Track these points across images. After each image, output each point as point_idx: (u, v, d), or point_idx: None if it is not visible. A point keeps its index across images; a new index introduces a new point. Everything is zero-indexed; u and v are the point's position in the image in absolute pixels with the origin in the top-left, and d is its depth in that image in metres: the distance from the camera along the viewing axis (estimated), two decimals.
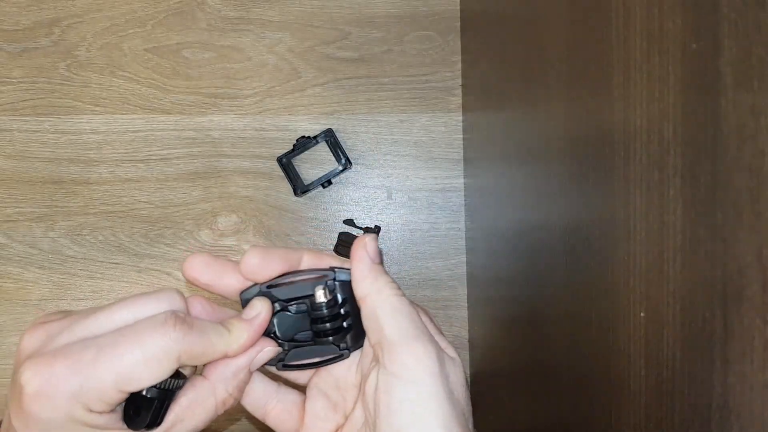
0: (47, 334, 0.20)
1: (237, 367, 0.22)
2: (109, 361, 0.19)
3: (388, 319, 0.20)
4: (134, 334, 0.19)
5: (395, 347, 0.20)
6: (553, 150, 0.27)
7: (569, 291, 0.26)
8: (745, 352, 0.14)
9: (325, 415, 0.23)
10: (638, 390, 0.19)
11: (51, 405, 0.19)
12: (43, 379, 0.19)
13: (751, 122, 0.14)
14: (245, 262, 0.22)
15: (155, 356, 0.19)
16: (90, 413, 0.19)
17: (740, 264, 0.14)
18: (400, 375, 0.20)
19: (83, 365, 0.19)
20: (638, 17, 0.18)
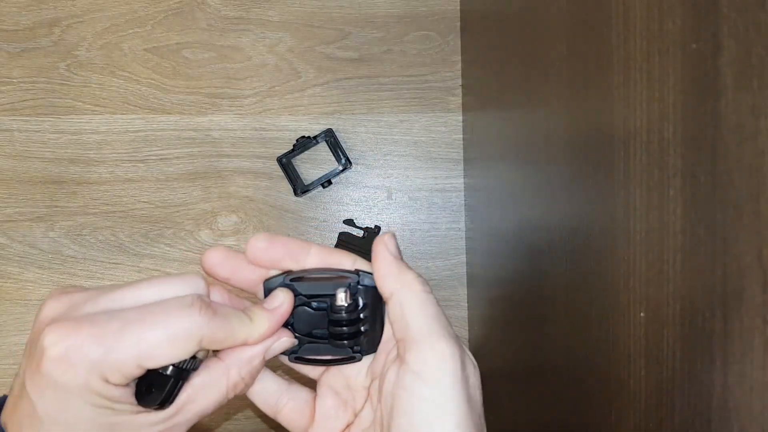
0: (71, 303, 0.20)
1: (253, 353, 0.22)
2: (134, 335, 0.19)
3: (415, 316, 0.20)
4: (161, 312, 0.20)
5: (420, 345, 0.20)
6: (553, 150, 0.27)
7: (569, 291, 0.26)
8: (745, 352, 0.14)
9: (335, 414, 0.23)
10: (638, 390, 0.19)
11: (71, 371, 0.19)
12: (69, 344, 0.19)
13: (751, 122, 0.14)
14: (251, 245, 0.22)
15: (179, 336, 0.19)
16: (106, 384, 0.19)
17: (740, 264, 0.14)
18: (421, 373, 0.20)
19: (108, 336, 0.19)
20: (638, 17, 0.18)
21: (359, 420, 0.23)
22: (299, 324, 0.23)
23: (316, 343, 0.23)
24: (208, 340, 0.20)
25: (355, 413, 0.23)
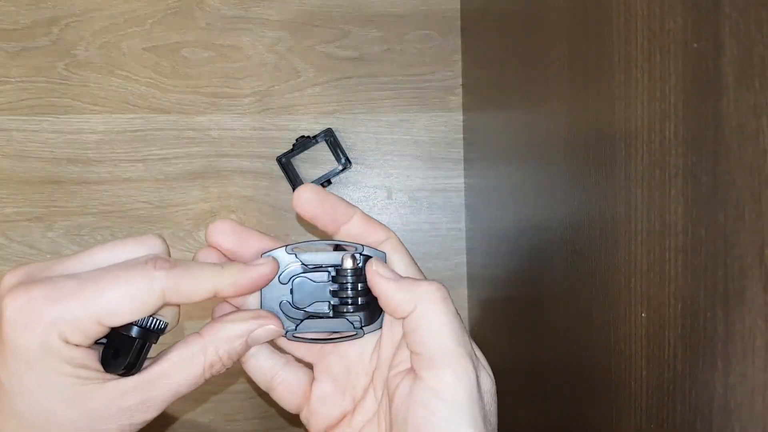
0: (28, 272, 0.20)
1: (233, 332, 0.21)
2: (91, 292, 0.19)
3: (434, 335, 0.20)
4: (117, 269, 0.19)
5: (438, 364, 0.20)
6: (554, 149, 0.27)
7: (570, 291, 0.26)
8: (747, 352, 0.14)
9: (332, 400, 0.23)
10: (639, 390, 0.19)
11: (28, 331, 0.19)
12: (22, 303, 0.19)
13: (753, 121, 0.14)
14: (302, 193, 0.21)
15: (138, 291, 0.19)
16: (66, 345, 0.19)
17: (742, 264, 0.14)
18: (438, 392, 0.19)
19: (64, 294, 0.19)
20: (639, 16, 0.18)
21: (361, 410, 0.22)
22: (299, 296, 0.22)
23: (316, 318, 0.22)
24: (171, 292, 0.19)
25: (355, 402, 0.23)
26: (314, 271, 0.22)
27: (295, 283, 0.22)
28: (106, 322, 0.19)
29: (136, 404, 0.20)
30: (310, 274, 0.22)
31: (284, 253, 0.22)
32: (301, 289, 0.22)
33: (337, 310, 0.22)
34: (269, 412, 0.51)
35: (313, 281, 0.22)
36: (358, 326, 0.22)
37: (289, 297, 0.22)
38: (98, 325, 0.19)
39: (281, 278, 0.22)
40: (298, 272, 0.22)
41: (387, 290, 0.21)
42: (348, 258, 0.22)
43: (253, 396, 0.51)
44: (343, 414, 0.23)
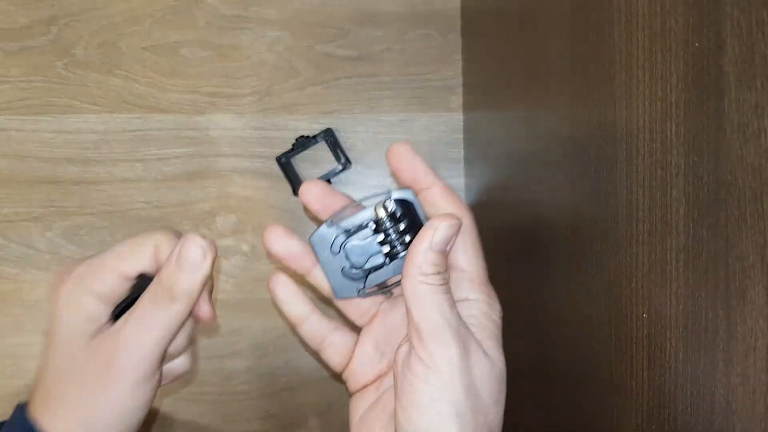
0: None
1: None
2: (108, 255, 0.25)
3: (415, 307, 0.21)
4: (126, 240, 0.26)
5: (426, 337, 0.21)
6: (554, 149, 0.27)
7: (571, 291, 0.25)
8: (748, 353, 0.14)
9: (370, 361, 0.25)
10: (640, 391, 0.19)
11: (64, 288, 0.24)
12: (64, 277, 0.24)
13: (754, 121, 0.14)
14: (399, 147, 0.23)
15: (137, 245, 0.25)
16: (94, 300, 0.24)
17: (743, 264, 0.14)
18: (423, 359, 0.21)
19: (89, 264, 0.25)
20: (641, 15, 0.18)
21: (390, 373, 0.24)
22: (355, 258, 0.24)
23: (377, 270, 0.24)
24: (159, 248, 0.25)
25: (389, 365, 0.25)
26: (357, 231, 0.24)
27: (346, 249, 0.24)
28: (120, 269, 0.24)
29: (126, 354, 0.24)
30: (355, 236, 0.24)
31: (326, 228, 0.24)
32: (353, 252, 0.24)
33: (391, 254, 0.24)
34: (268, 413, 0.51)
35: (361, 241, 0.24)
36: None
37: (346, 263, 0.24)
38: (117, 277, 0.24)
39: (333, 249, 0.24)
40: (344, 239, 0.24)
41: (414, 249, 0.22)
42: (380, 208, 0.23)
43: (253, 397, 0.51)
44: (378, 375, 0.25)
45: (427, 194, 0.23)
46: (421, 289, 0.21)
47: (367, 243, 0.24)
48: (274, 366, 0.51)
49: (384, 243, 0.23)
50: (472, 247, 0.24)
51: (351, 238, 0.24)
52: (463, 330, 0.21)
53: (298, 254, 0.25)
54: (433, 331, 0.21)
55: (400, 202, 0.23)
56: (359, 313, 0.26)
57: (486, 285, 0.24)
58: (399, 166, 0.23)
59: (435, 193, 0.23)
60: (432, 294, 0.21)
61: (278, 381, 0.51)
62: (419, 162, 0.23)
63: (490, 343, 0.22)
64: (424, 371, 0.21)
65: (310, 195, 0.24)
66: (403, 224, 0.23)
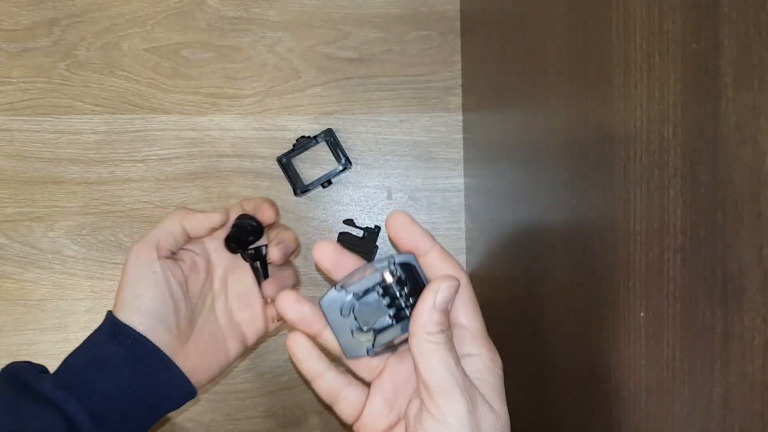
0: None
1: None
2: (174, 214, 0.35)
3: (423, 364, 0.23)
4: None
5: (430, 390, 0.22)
6: (553, 150, 0.27)
7: (569, 291, 0.26)
8: (745, 352, 0.14)
9: (380, 415, 0.26)
10: (638, 390, 0.19)
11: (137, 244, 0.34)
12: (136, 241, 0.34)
13: (752, 122, 0.14)
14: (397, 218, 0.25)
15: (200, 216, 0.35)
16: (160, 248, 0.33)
17: (740, 264, 0.14)
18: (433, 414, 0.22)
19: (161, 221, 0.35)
20: (638, 17, 0.18)
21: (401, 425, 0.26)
22: (363, 319, 0.25)
23: (385, 331, 0.25)
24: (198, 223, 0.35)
25: (399, 417, 0.26)
26: (365, 295, 0.25)
27: (355, 312, 0.25)
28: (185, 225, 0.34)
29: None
30: (363, 299, 0.25)
31: (335, 292, 0.25)
32: (361, 314, 0.25)
33: (398, 316, 0.25)
34: (270, 412, 0.51)
35: (369, 303, 0.25)
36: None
37: (355, 324, 0.25)
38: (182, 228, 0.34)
39: (342, 313, 0.25)
40: (353, 302, 0.25)
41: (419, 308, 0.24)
42: (387, 273, 0.25)
43: (254, 395, 0.51)
44: (388, 427, 0.26)
45: (426, 258, 0.25)
46: (428, 348, 0.23)
47: (375, 305, 0.25)
48: (275, 364, 0.51)
49: (391, 305, 0.25)
50: (471, 305, 0.25)
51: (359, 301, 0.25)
52: (469, 385, 0.23)
53: (310, 318, 0.26)
54: (440, 387, 0.22)
55: (402, 266, 0.25)
56: (368, 370, 0.27)
57: (486, 339, 0.25)
58: (399, 234, 0.25)
59: (434, 257, 0.25)
60: (437, 352, 0.22)
61: (279, 379, 0.51)
62: (418, 229, 0.25)
63: (494, 396, 0.24)
64: (434, 426, 0.22)
65: (322, 255, 0.25)
66: (407, 287, 0.25)
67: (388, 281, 0.25)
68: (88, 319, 0.51)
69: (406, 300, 0.25)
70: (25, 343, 0.51)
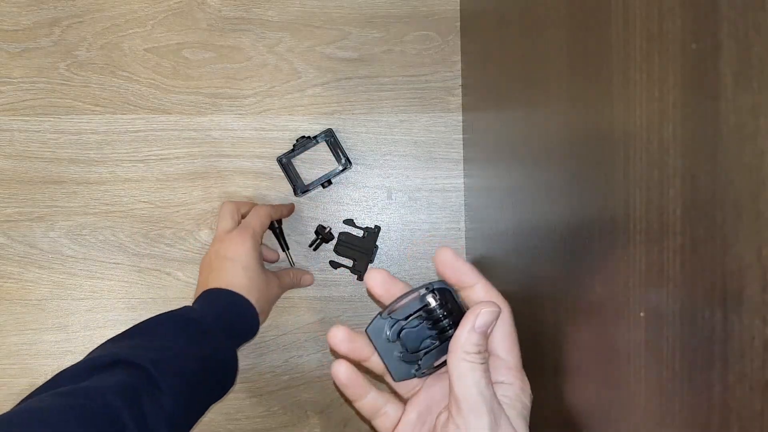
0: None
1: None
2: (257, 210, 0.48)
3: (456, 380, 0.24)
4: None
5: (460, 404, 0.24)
6: (553, 150, 0.27)
7: (569, 291, 0.26)
8: (745, 351, 0.14)
9: (412, 428, 0.28)
10: (638, 390, 0.19)
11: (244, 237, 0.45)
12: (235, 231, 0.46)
13: (751, 122, 0.14)
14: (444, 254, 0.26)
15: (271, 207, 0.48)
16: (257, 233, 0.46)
17: (740, 264, 0.14)
18: (459, 426, 0.24)
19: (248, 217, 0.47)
20: (638, 17, 0.18)
21: None
22: (409, 343, 0.27)
23: (430, 351, 0.27)
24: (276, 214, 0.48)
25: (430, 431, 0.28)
26: (408, 319, 0.27)
27: (401, 336, 0.27)
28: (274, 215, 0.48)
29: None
30: (407, 324, 0.27)
31: (380, 320, 0.27)
32: (407, 338, 0.27)
33: (442, 337, 0.27)
34: (269, 411, 0.51)
35: (413, 327, 0.27)
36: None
37: (402, 349, 0.27)
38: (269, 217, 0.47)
39: (390, 338, 0.27)
40: (399, 328, 0.27)
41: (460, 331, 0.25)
42: (430, 297, 0.26)
43: (254, 395, 0.51)
44: None
45: (471, 292, 0.27)
46: (463, 366, 0.24)
47: (419, 329, 0.27)
48: (275, 364, 0.51)
49: (434, 328, 0.27)
50: (510, 338, 0.27)
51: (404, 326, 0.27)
52: (496, 405, 0.24)
53: (359, 348, 0.28)
54: (469, 402, 0.24)
55: (440, 291, 0.26)
56: (407, 388, 0.29)
57: (520, 372, 0.27)
58: (444, 269, 0.27)
59: (479, 290, 0.27)
60: (472, 371, 0.24)
61: (279, 379, 0.51)
62: (462, 264, 0.27)
63: (519, 422, 0.25)
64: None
65: (374, 283, 0.27)
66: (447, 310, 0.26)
67: (431, 305, 0.26)
68: (88, 318, 0.51)
69: (449, 322, 0.26)
70: (25, 343, 0.51)
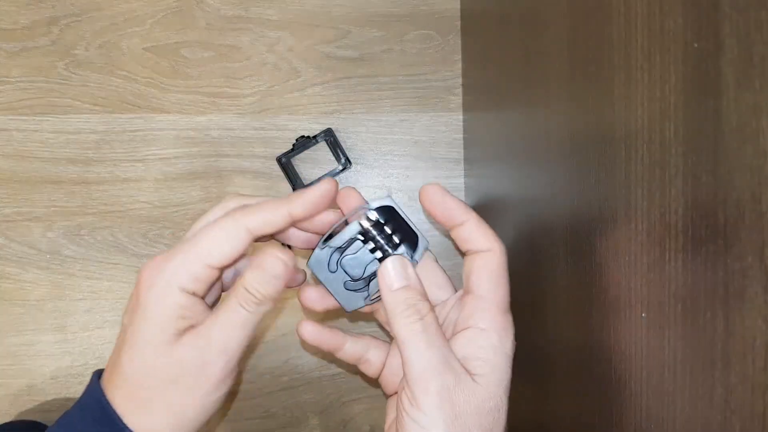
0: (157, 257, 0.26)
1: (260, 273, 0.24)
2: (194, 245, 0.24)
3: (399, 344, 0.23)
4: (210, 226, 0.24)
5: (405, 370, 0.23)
6: (553, 149, 0.27)
7: (570, 291, 0.26)
8: (747, 352, 0.14)
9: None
10: (639, 391, 0.19)
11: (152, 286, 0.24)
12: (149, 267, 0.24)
13: (753, 122, 0.14)
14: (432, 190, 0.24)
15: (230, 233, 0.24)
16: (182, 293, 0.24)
17: (742, 264, 0.14)
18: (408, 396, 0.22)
19: (175, 253, 0.24)
20: (639, 16, 0.18)
21: None
22: (353, 271, 0.26)
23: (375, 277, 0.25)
24: (256, 225, 0.24)
25: None
26: (348, 246, 0.25)
27: (342, 264, 0.26)
28: (213, 263, 0.24)
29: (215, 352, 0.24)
30: (347, 251, 0.26)
31: (319, 251, 0.26)
32: (350, 265, 0.26)
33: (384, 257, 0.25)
34: (269, 412, 0.51)
35: (354, 254, 0.26)
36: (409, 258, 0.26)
37: (346, 277, 0.26)
38: (207, 268, 0.24)
39: (330, 268, 0.26)
40: (338, 256, 0.26)
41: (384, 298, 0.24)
42: (363, 220, 0.25)
43: (253, 396, 0.51)
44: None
45: (461, 230, 0.24)
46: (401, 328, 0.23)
47: (360, 254, 0.25)
48: (274, 365, 0.51)
49: (375, 250, 0.25)
50: (495, 276, 0.24)
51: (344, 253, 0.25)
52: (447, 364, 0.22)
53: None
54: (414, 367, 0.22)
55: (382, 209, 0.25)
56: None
57: (502, 315, 0.24)
58: (432, 208, 0.25)
59: (469, 227, 0.24)
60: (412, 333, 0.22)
61: (278, 380, 0.51)
62: (451, 200, 0.24)
63: (491, 377, 0.23)
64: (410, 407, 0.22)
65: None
66: (388, 228, 0.25)
67: (365, 227, 0.25)
68: (86, 319, 0.51)
69: (388, 240, 0.25)
70: (24, 344, 0.51)
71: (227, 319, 0.24)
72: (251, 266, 0.25)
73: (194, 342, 0.24)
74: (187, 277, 0.24)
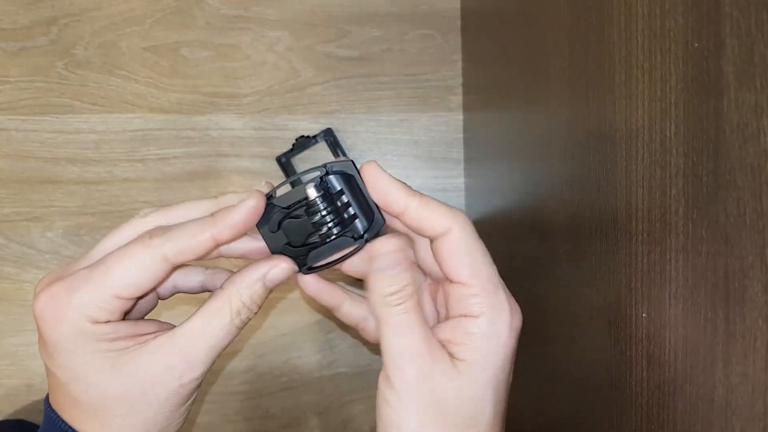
0: (52, 277, 0.23)
1: (250, 278, 0.23)
2: (102, 273, 0.21)
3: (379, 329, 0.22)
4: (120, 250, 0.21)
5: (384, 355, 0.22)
6: (554, 149, 0.27)
7: (570, 292, 0.26)
8: (747, 352, 0.14)
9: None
10: (639, 391, 0.19)
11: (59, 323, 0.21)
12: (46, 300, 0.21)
13: (754, 121, 0.14)
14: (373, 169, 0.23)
15: (143, 261, 0.21)
16: (96, 324, 0.21)
17: (742, 264, 0.14)
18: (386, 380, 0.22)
19: (78, 282, 0.21)
20: (640, 15, 0.18)
21: None
22: (293, 237, 0.22)
23: (319, 247, 0.23)
24: (173, 253, 0.21)
25: None
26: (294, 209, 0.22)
27: (283, 227, 0.22)
28: (123, 295, 0.21)
29: (179, 361, 0.21)
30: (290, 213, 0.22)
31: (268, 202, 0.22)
32: (290, 229, 0.22)
33: (323, 236, 0.22)
34: (268, 413, 0.51)
35: (297, 218, 0.22)
36: (358, 238, 0.23)
37: (286, 240, 0.22)
38: (117, 299, 0.21)
39: (270, 227, 0.22)
40: (282, 216, 0.22)
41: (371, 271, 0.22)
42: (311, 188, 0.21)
43: (253, 397, 0.51)
44: None
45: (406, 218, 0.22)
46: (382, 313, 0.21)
47: (303, 221, 0.22)
48: (274, 365, 0.51)
49: (317, 225, 0.22)
50: (467, 257, 0.22)
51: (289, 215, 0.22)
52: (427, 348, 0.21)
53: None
54: (391, 353, 0.21)
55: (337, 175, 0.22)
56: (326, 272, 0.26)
57: (492, 296, 0.22)
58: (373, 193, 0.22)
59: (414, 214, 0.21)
60: (391, 317, 0.21)
61: (278, 380, 0.51)
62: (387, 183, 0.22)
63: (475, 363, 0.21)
64: (389, 392, 0.21)
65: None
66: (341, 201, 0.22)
67: (311, 196, 0.21)
68: None
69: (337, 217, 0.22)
70: (23, 344, 0.51)
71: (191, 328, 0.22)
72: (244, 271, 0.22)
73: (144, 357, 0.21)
74: (96, 309, 0.21)
